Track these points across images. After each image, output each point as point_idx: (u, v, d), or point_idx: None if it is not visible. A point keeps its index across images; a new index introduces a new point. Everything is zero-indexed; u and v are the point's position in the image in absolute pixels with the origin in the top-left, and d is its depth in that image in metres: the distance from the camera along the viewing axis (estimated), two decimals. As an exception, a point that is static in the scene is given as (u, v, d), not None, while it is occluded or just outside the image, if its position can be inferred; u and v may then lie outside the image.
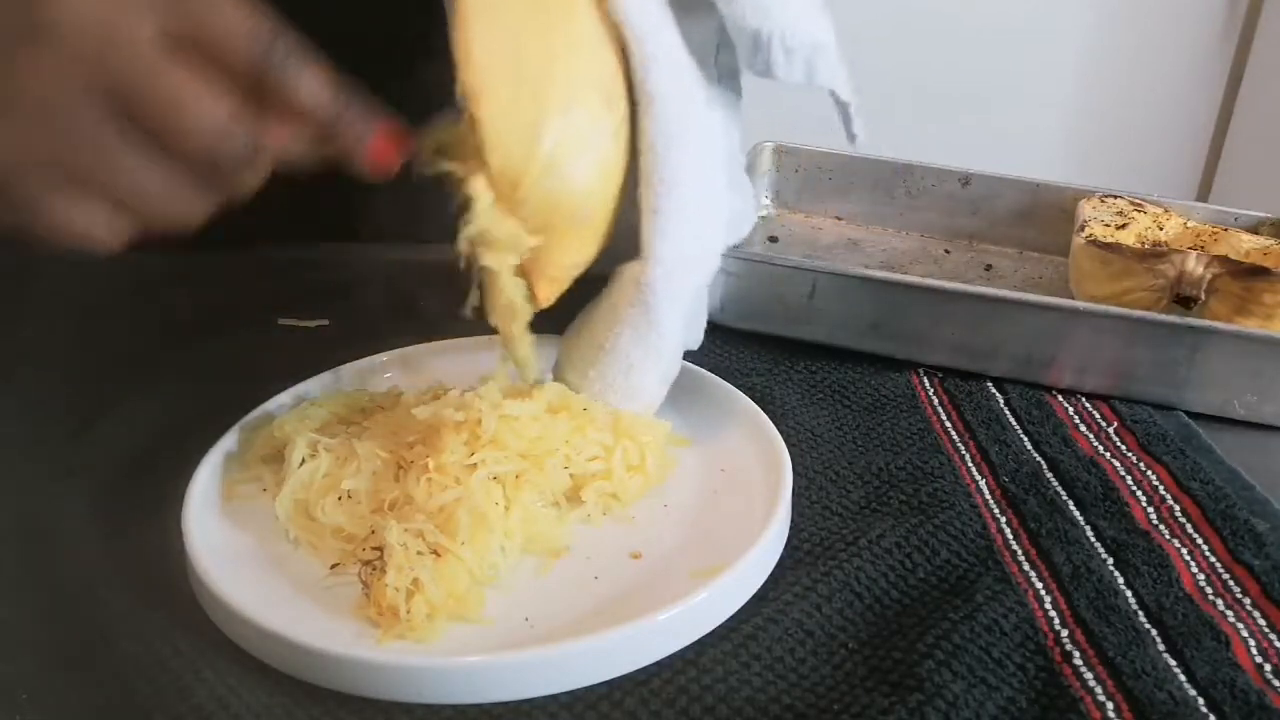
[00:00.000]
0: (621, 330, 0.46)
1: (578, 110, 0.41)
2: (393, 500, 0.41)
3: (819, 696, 0.35)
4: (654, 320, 0.45)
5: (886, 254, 0.72)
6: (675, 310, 0.46)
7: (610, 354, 0.46)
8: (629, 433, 0.45)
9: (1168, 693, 0.35)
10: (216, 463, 0.45)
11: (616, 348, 0.46)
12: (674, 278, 0.44)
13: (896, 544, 0.43)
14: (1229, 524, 0.44)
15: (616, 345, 0.46)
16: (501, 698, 0.35)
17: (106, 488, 0.45)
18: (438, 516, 0.39)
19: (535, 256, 0.43)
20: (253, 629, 0.36)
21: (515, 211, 0.41)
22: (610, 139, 0.42)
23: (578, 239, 0.44)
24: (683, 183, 0.43)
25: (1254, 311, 0.55)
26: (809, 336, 0.59)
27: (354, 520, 0.41)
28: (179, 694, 0.35)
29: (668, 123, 0.43)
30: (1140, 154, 2.04)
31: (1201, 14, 1.94)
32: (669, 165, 0.43)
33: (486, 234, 0.41)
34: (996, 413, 0.54)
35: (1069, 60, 1.99)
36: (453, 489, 0.40)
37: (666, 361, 0.47)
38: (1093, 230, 0.63)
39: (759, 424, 0.48)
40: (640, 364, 0.46)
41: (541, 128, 0.40)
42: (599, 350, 0.46)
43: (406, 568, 0.37)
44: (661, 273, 0.44)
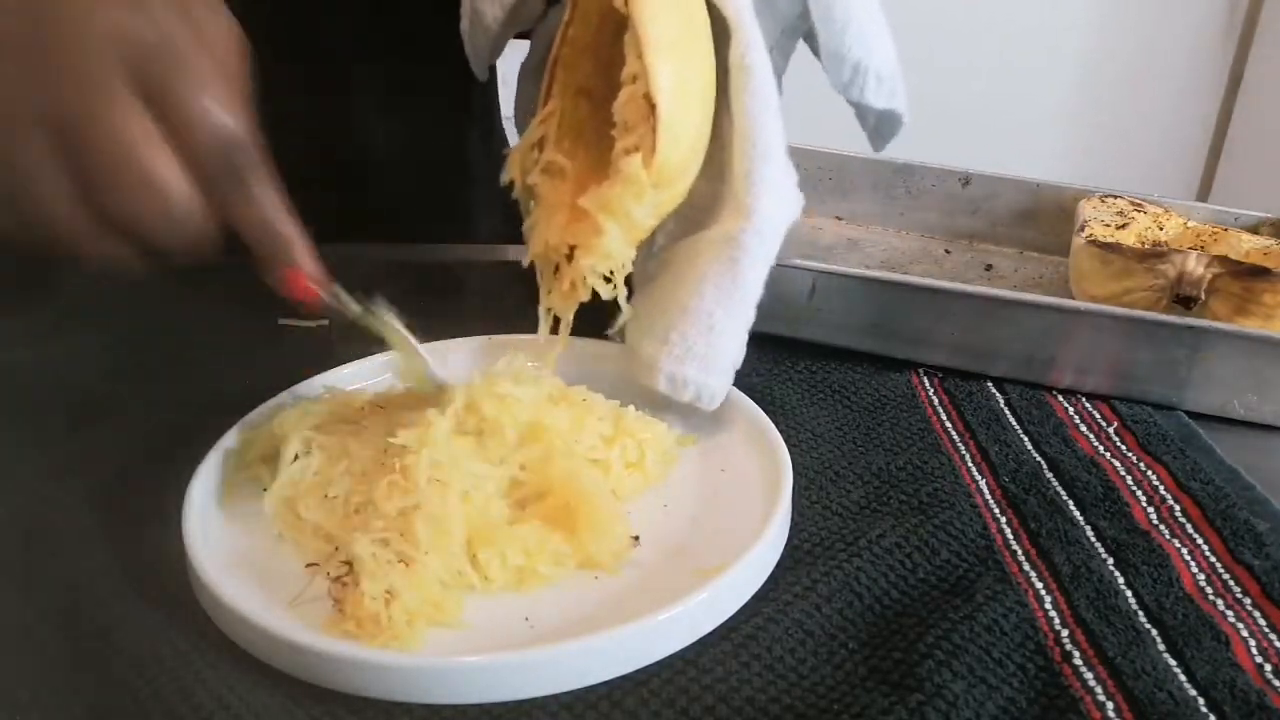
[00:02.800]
0: (706, 289, 0.46)
1: (710, 102, 0.46)
2: (358, 504, 0.41)
3: (819, 696, 0.35)
4: (740, 279, 0.46)
5: (886, 254, 0.72)
6: (758, 271, 0.47)
7: (694, 315, 0.46)
8: (629, 430, 0.45)
9: (1168, 693, 0.35)
10: (216, 463, 0.45)
11: (701, 308, 0.46)
12: (761, 235, 0.46)
13: (896, 544, 0.43)
14: (1229, 524, 0.44)
15: (701, 305, 0.46)
16: (502, 698, 0.35)
17: (106, 487, 0.45)
18: (399, 523, 0.39)
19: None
20: (253, 629, 0.36)
21: (653, 192, 0.44)
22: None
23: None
24: (772, 152, 0.46)
25: (1254, 311, 0.55)
26: (809, 336, 0.59)
27: (332, 520, 0.41)
28: (179, 694, 0.34)
29: (762, 95, 0.46)
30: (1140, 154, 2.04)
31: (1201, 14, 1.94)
32: (763, 133, 0.46)
33: (620, 203, 0.44)
34: (996, 413, 0.54)
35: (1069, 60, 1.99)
36: (411, 495, 0.40)
37: (743, 332, 0.47)
38: (1093, 230, 0.63)
39: (759, 424, 0.48)
40: (722, 325, 0.46)
41: (703, 128, 0.45)
42: (682, 311, 0.46)
43: (380, 576, 0.37)
44: (752, 229, 0.46)
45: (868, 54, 0.48)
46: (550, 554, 0.40)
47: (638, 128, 0.44)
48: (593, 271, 0.46)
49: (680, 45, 0.44)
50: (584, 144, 0.48)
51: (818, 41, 0.50)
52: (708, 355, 0.46)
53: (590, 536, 0.41)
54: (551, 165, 0.48)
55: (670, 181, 0.45)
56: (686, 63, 0.44)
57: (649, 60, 0.42)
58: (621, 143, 0.44)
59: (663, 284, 0.48)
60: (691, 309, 0.46)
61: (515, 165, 0.49)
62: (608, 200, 0.44)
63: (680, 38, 0.44)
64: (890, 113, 0.50)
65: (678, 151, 0.44)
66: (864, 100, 0.49)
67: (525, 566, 0.40)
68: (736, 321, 0.47)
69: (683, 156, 0.45)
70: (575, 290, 0.47)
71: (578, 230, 0.46)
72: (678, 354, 0.46)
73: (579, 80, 0.49)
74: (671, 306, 0.47)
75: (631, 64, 0.43)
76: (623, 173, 0.44)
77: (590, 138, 0.48)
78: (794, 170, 0.49)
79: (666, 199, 0.46)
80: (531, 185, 0.48)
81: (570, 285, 0.46)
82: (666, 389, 0.47)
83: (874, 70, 0.48)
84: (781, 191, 0.47)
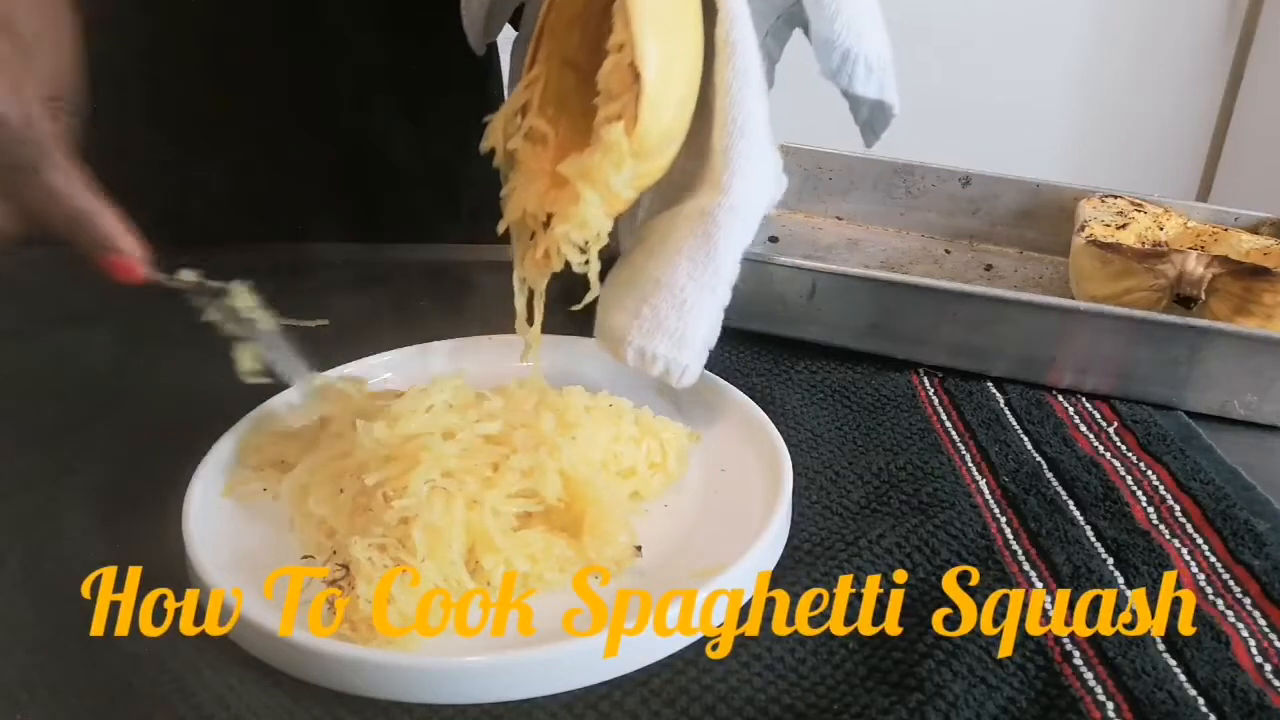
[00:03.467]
0: (679, 262, 0.46)
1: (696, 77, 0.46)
2: (363, 505, 0.41)
3: (819, 696, 0.35)
4: (714, 254, 0.45)
5: (886, 254, 0.72)
6: (733, 248, 0.46)
7: (666, 288, 0.46)
8: (651, 430, 0.46)
9: (1168, 693, 0.35)
10: (217, 462, 0.45)
11: (674, 281, 0.46)
12: (737, 212, 0.46)
13: (896, 544, 0.43)
14: (1229, 524, 0.44)
15: (674, 279, 0.46)
16: (501, 698, 0.35)
17: (107, 487, 0.45)
18: (398, 530, 0.39)
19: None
20: (253, 629, 0.36)
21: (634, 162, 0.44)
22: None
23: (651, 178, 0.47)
24: (751, 128, 0.46)
25: (1254, 311, 0.55)
26: (809, 336, 0.59)
27: (339, 517, 0.41)
28: (179, 694, 0.35)
29: (744, 72, 0.46)
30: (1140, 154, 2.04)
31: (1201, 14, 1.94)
32: (742, 110, 0.46)
33: (599, 171, 0.43)
34: (997, 413, 0.54)
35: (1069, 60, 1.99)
36: (407, 501, 0.40)
37: (717, 309, 0.47)
38: (1093, 230, 0.63)
39: (759, 424, 0.48)
40: (694, 301, 0.46)
41: (687, 102, 0.45)
42: (654, 284, 0.46)
43: (376, 580, 0.37)
44: (728, 205, 0.45)
45: (857, 41, 0.48)
46: (554, 560, 0.40)
47: (621, 96, 0.43)
48: (567, 239, 0.45)
49: (669, 18, 0.44)
50: (567, 114, 0.48)
51: (810, 28, 0.50)
52: (678, 330, 0.46)
53: (594, 543, 0.41)
54: (534, 131, 0.47)
55: (650, 153, 0.44)
56: (674, 36, 0.44)
57: (635, 29, 0.42)
58: (604, 111, 0.44)
59: (635, 257, 0.48)
60: (664, 282, 0.46)
61: (498, 131, 0.48)
62: (588, 168, 0.44)
63: (669, 11, 0.44)
64: (880, 104, 0.50)
65: (660, 123, 0.43)
66: (852, 89, 0.49)
67: (530, 573, 0.40)
68: (709, 297, 0.46)
69: (665, 128, 0.44)
70: (549, 259, 0.46)
71: (556, 198, 0.46)
72: (647, 328, 0.46)
73: (566, 51, 0.48)
74: (643, 280, 0.46)
75: (619, 33, 0.43)
76: (604, 140, 0.43)
77: (574, 109, 0.48)
78: (778, 153, 0.49)
79: (646, 172, 0.45)
80: (512, 151, 0.48)
81: (544, 254, 0.46)
82: (635, 363, 0.46)
83: (864, 58, 0.48)
84: (760, 169, 0.47)
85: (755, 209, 0.47)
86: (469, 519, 0.40)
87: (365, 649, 0.36)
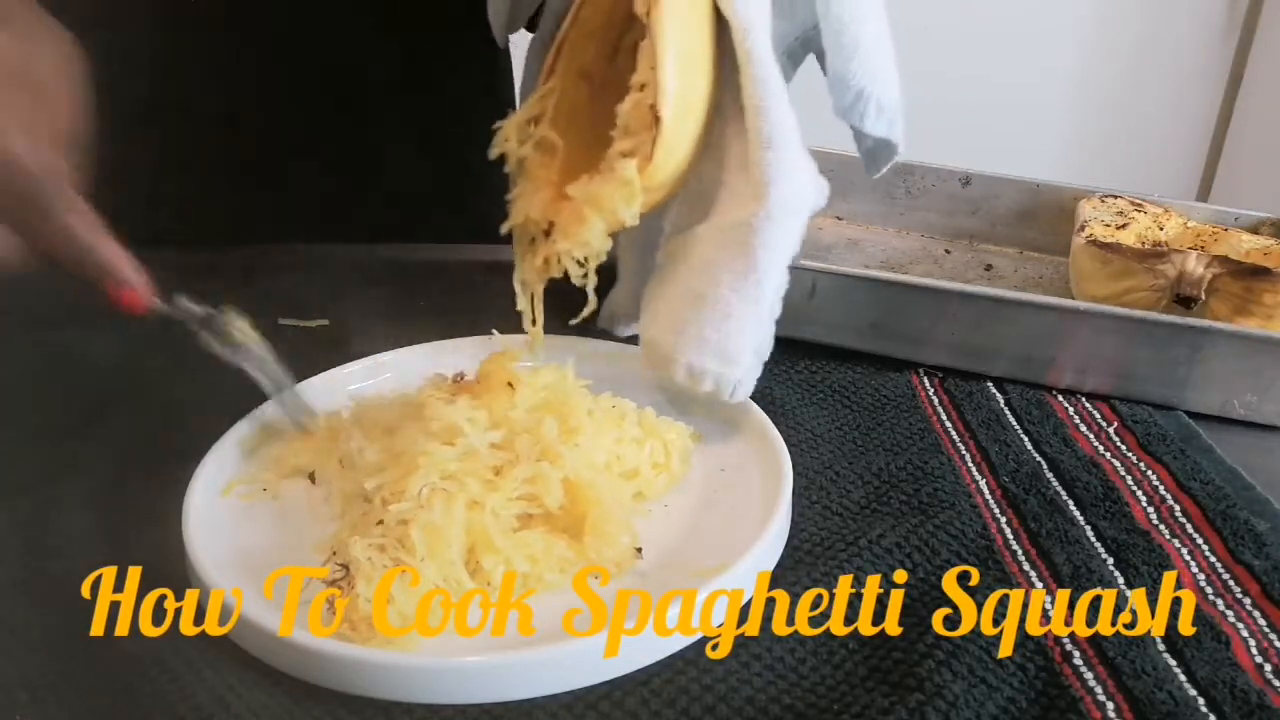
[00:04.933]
0: (720, 275, 0.46)
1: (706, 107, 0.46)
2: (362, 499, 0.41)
3: (819, 696, 0.35)
4: (754, 264, 0.45)
5: (886, 254, 0.72)
6: (774, 257, 0.46)
7: (709, 303, 0.46)
8: (654, 431, 0.46)
9: (1168, 693, 0.35)
10: (217, 462, 0.45)
11: (717, 296, 0.46)
12: (774, 220, 0.45)
13: (897, 544, 0.43)
14: (1229, 524, 0.44)
15: (717, 293, 0.46)
16: (501, 698, 0.35)
17: (107, 487, 0.45)
18: (398, 531, 0.39)
19: None
20: (253, 629, 0.36)
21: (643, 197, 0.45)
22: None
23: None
24: (779, 136, 0.46)
25: (1254, 311, 0.55)
26: (809, 336, 0.59)
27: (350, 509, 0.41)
28: (179, 694, 0.35)
29: (767, 81, 0.45)
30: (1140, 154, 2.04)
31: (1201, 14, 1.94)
32: (768, 120, 0.45)
33: (609, 201, 0.44)
34: (996, 413, 0.54)
35: (1069, 60, 1.99)
36: (406, 502, 0.40)
37: (764, 320, 0.47)
38: (1093, 230, 0.63)
39: (759, 424, 0.48)
40: (739, 313, 0.46)
41: (697, 139, 0.45)
42: (697, 300, 0.46)
43: (376, 580, 0.37)
44: (764, 214, 0.45)
45: (872, 82, 0.48)
46: (555, 560, 0.40)
47: (638, 134, 0.44)
48: (568, 255, 0.46)
49: (693, 49, 0.44)
50: (576, 125, 0.48)
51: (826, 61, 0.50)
52: (724, 344, 0.46)
53: (595, 544, 0.41)
54: (544, 141, 0.48)
55: (657, 189, 0.45)
56: (693, 77, 0.45)
57: (661, 77, 0.43)
58: (619, 145, 0.44)
59: (674, 274, 0.48)
60: (707, 297, 0.46)
61: (511, 137, 0.48)
62: (598, 197, 0.44)
63: (693, 42, 0.45)
64: (886, 141, 0.51)
65: (672, 163, 0.45)
66: (862, 127, 0.50)
67: (530, 573, 0.40)
68: (753, 309, 0.46)
69: (676, 167, 0.45)
70: (548, 267, 0.47)
71: (560, 209, 0.46)
72: (693, 345, 0.46)
73: (582, 62, 0.49)
74: (685, 296, 0.47)
75: (643, 73, 0.44)
76: (618, 175, 0.44)
77: (584, 120, 0.48)
78: (811, 158, 0.49)
79: (650, 201, 0.46)
80: (522, 159, 0.49)
81: (544, 262, 0.47)
82: (685, 380, 0.47)
83: (876, 99, 0.49)
84: (797, 175, 0.46)
85: (794, 216, 0.46)
86: (469, 519, 0.40)
87: (365, 649, 0.36)
